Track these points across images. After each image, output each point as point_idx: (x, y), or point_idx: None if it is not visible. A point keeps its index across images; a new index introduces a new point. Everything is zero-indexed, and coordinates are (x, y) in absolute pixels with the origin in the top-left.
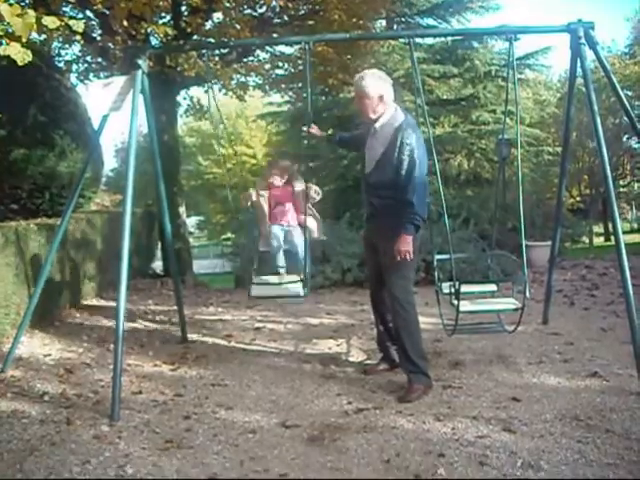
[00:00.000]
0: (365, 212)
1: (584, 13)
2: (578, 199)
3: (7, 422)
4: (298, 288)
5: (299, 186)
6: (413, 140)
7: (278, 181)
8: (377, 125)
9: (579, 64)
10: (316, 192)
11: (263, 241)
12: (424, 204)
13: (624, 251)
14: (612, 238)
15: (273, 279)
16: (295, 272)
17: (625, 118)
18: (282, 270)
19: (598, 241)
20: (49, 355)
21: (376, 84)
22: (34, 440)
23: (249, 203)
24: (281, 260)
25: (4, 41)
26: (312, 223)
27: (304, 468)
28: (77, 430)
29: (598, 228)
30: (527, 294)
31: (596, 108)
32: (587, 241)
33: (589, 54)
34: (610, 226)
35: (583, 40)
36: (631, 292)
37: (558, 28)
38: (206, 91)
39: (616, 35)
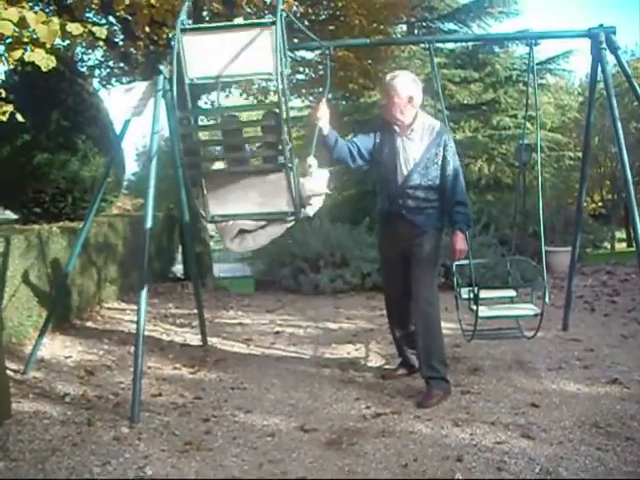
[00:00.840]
0: (385, 216)
1: (604, 17)
2: (600, 204)
3: (29, 422)
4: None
5: None
6: (453, 144)
7: None
8: (415, 127)
9: (600, 69)
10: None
11: None
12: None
13: None
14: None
15: None
16: None
17: None
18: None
19: (620, 247)
20: (70, 357)
21: (408, 85)
22: (55, 440)
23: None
24: None
25: (29, 47)
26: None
27: (322, 471)
28: (98, 431)
29: (620, 234)
30: (546, 300)
31: (617, 113)
32: (609, 247)
33: (610, 59)
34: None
35: (604, 45)
36: None
37: (579, 33)
38: (227, 96)
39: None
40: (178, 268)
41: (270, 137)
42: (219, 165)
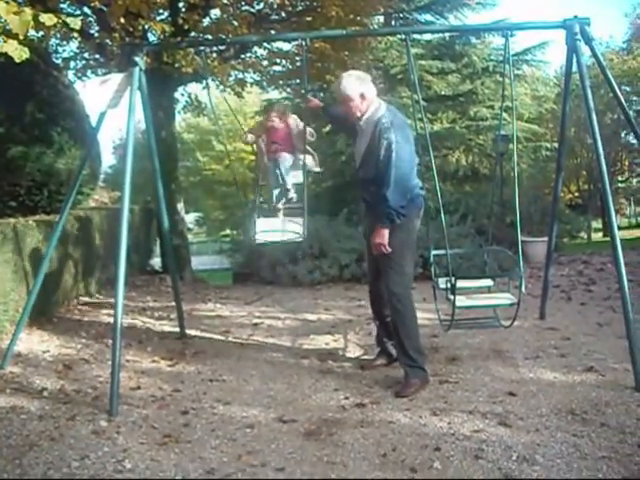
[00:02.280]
0: (363, 208)
1: (582, 9)
2: (576, 195)
3: (6, 418)
4: (299, 230)
5: (295, 125)
6: (391, 134)
7: (277, 123)
8: (361, 122)
9: (575, 60)
10: (311, 134)
11: (262, 176)
12: (402, 199)
13: (619, 246)
14: None
15: (274, 222)
16: (292, 215)
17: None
18: (279, 204)
19: (597, 236)
20: (48, 351)
21: (354, 84)
22: (33, 435)
23: (250, 141)
24: (278, 195)
25: (1, 38)
26: (309, 159)
27: (301, 462)
28: (76, 425)
29: (597, 224)
30: (523, 289)
31: (592, 104)
32: (585, 236)
33: (585, 50)
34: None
35: (579, 36)
36: (627, 287)
37: (554, 24)
38: (204, 88)
39: (614, 31)
40: (156, 261)
41: None
42: None
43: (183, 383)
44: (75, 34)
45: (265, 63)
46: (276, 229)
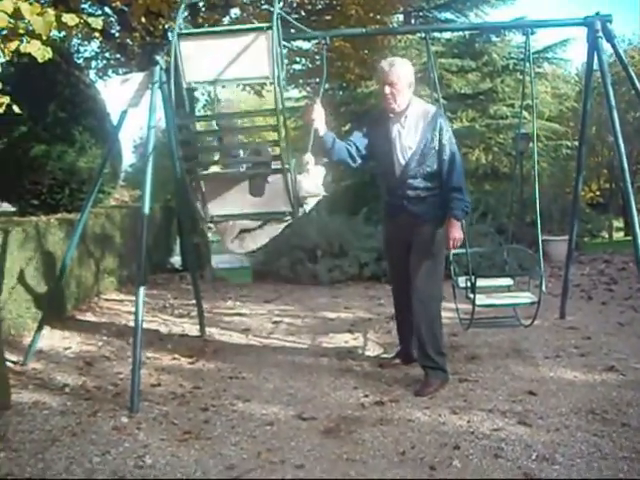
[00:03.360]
0: (387, 207)
1: (601, 5)
2: (598, 193)
3: (29, 413)
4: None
5: None
6: (449, 127)
7: None
8: (408, 112)
9: (596, 58)
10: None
11: None
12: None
13: None
14: None
15: None
16: None
17: None
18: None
19: (618, 236)
20: (69, 348)
21: (408, 71)
22: (55, 431)
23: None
24: None
25: (25, 39)
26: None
27: (320, 459)
28: (97, 421)
29: (618, 223)
30: (543, 288)
31: (613, 102)
32: (606, 235)
33: (607, 47)
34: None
35: (600, 33)
36: None
37: (575, 21)
38: (223, 86)
39: (636, 28)
40: (176, 259)
41: (264, 144)
42: (216, 169)
43: (203, 380)
44: (96, 34)
45: (285, 62)
46: None
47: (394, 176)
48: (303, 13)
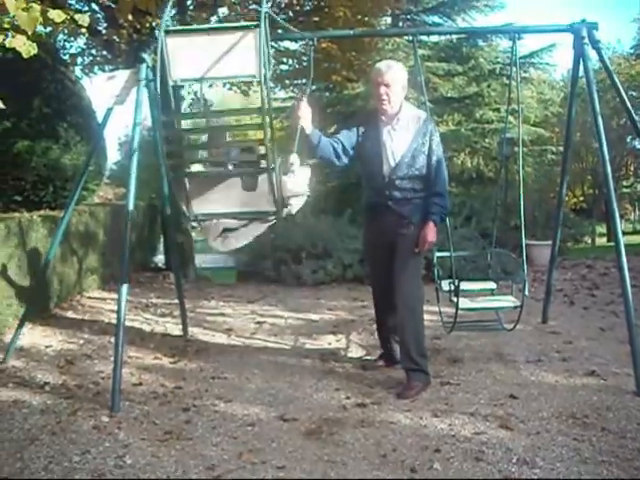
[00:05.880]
0: (371, 208)
1: (589, 13)
2: (582, 199)
3: (8, 412)
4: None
5: None
6: (438, 134)
7: None
8: (400, 116)
9: (582, 64)
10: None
11: None
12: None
13: (623, 251)
14: None
15: None
16: None
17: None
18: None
19: (601, 241)
20: (50, 346)
21: (402, 74)
22: (35, 430)
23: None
24: None
25: (10, 34)
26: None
27: (301, 461)
28: (77, 420)
29: (601, 228)
30: (526, 292)
31: (598, 108)
32: (590, 241)
33: (592, 54)
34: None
35: (586, 40)
36: (630, 292)
37: (561, 28)
38: (210, 86)
39: (622, 35)
40: (160, 258)
41: (252, 143)
42: (200, 167)
43: (185, 380)
44: (83, 30)
45: (272, 62)
46: None
47: (382, 177)
48: (291, 14)
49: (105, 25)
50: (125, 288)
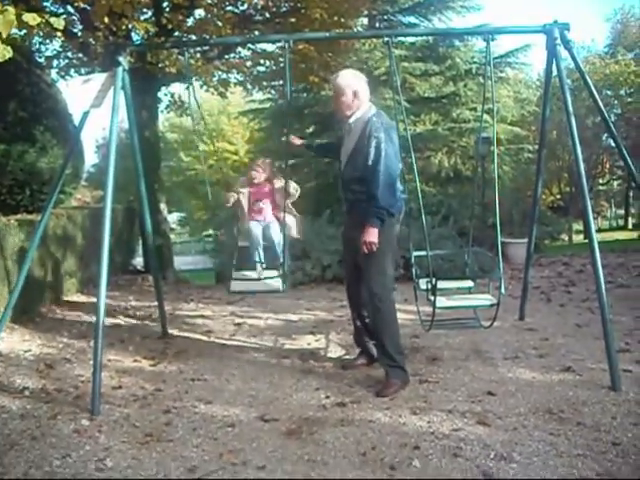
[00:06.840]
0: (344, 209)
1: (564, 13)
2: (558, 197)
3: None
4: (277, 283)
5: (278, 183)
6: (381, 134)
7: (259, 176)
8: (351, 121)
9: (555, 64)
10: (294, 189)
11: (242, 237)
12: (391, 198)
13: (597, 249)
14: None
15: (252, 274)
16: (274, 267)
17: None
18: (261, 266)
19: (578, 238)
20: (29, 350)
21: (350, 81)
22: (14, 435)
23: (231, 203)
24: (259, 255)
25: None
26: (291, 220)
27: (281, 461)
28: (57, 424)
29: (578, 226)
30: (502, 290)
31: (571, 108)
32: (567, 238)
33: (565, 54)
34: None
35: (559, 41)
36: (604, 289)
37: (534, 29)
38: (187, 88)
39: (596, 35)
40: (138, 261)
41: None
42: None
43: (165, 382)
44: (58, 33)
45: (249, 64)
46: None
47: (341, 178)
48: (268, 15)
49: (81, 28)
50: (104, 291)
